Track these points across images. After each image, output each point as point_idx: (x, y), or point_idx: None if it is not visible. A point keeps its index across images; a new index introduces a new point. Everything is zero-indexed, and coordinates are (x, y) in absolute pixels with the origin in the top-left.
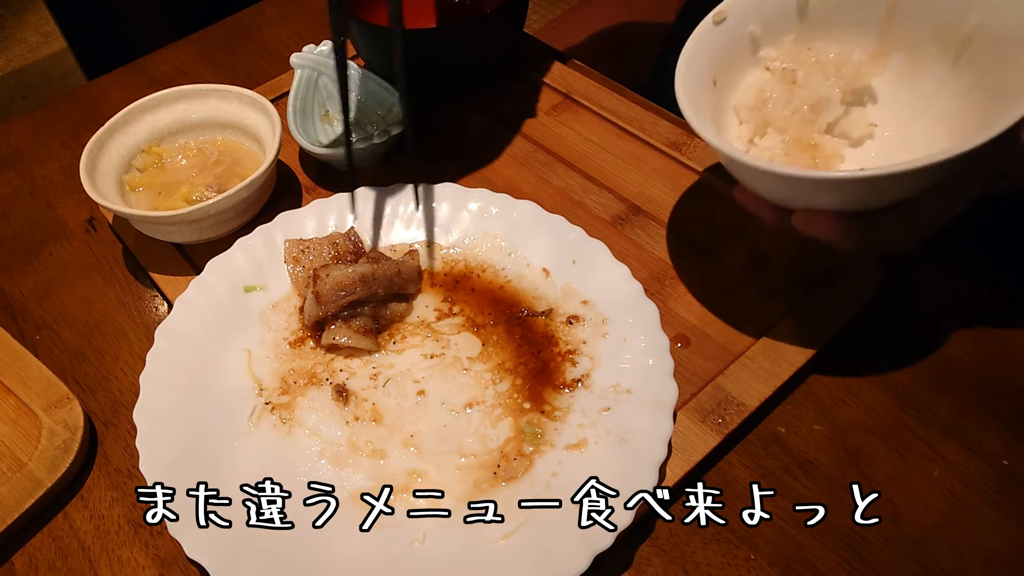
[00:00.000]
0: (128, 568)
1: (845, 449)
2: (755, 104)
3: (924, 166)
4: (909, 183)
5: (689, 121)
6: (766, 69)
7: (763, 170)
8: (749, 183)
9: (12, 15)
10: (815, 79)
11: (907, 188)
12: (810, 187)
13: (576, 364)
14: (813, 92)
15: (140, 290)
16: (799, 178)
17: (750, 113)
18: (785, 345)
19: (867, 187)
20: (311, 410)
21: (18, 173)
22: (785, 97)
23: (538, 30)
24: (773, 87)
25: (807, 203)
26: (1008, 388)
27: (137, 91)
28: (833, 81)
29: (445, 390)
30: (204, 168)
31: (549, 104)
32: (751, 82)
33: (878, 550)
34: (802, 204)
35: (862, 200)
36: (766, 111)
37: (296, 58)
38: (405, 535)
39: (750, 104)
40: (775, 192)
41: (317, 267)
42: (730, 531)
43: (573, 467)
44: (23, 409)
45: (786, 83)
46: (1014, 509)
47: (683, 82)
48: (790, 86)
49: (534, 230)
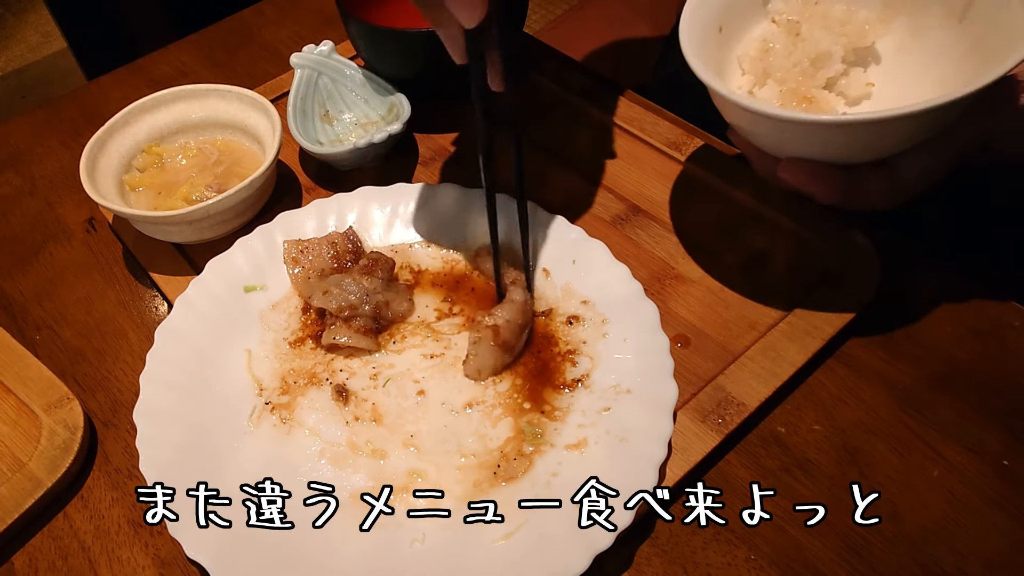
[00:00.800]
0: (128, 568)
1: (845, 449)
2: (758, 55)
3: (908, 113)
4: (893, 132)
5: (690, 63)
6: (772, 21)
7: (752, 110)
8: (741, 127)
9: (12, 15)
10: (818, 33)
11: (891, 138)
12: (796, 131)
13: (576, 364)
14: (815, 46)
15: (140, 290)
16: (785, 120)
17: (753, 64)
18: (785, 345)
19: (851, 133)
20: (311, 410)
21: (18, 173)
22: (787, 48)
23: (538, 30)
24: (777, 38)
25: (793, 150)
26: (1008, 388)
27: (137, 91)
28: (836, 37)
29: (445, 390)
30: (204, 168)
31: (549, 104)
32: (757, 34)
33: (878, 550)
34: (789, 151)
35: (846, 148)
36: (767, 61)
37: (296, 58)
38: (405, 535)
39: (753, 55)
40: (765, 137)
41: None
42: (730, 531)
43: (573, 467)
44: (23, 409)
45: (790, 35)
46: (1014, 509)
47: (688, 24)
48: (793, 38)
49: (534, 230)
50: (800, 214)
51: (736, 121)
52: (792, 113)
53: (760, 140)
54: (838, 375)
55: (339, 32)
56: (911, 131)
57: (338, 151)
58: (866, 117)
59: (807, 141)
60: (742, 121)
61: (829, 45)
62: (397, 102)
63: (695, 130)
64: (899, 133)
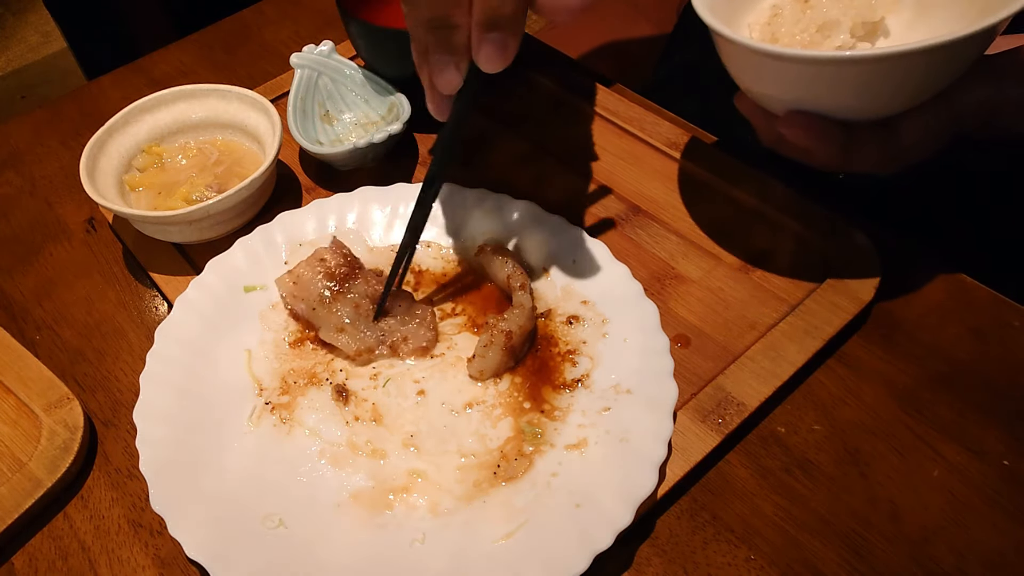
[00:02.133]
0: (128, 568)
1: (845, 449)
2: (767, 20)
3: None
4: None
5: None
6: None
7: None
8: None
9: (12, 15)
10: (827, 2)
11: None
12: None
13: (576, 364)
14: (823, 13)
15: (140, 290)
16: (791, 57)
17: (761, 29)
18: (785, 345)
19: (858, 71)
20: (311, 410)
21: (18, 173)
22: (796, 16)
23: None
24: (786, 4)
25: (798, 98)
26: (1008, 388)
27: (137, 91)
28: (845, 8)
29: (445, 390)
30: (204, 168)
31: (549, 104)
32: (767, 3)
33: (878, 550)
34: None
35: (852, 92)
36: (775, 25)
37: (296, 58)
38: (405, 535)
39: (763, 20)
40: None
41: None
42: (730, 531)
43: (573, 467)
44: (23, 409)
45: (799, 1)
46: (1014, 509)
47: None
48: (802, 5)
49: (534, 230)
50: (800, 214)
51: (742, 71)
52: (798, 51)
53: (766, 91)
54: (838, 375)
55: (339, 32)
56: (918, 74)
57: (338, 151)
58: (874, 53)
59: (813, 85)
60: (749, 68)
61: (837, 14)
62: (397, 102)
63: (695, 130)
64: (906, 75)
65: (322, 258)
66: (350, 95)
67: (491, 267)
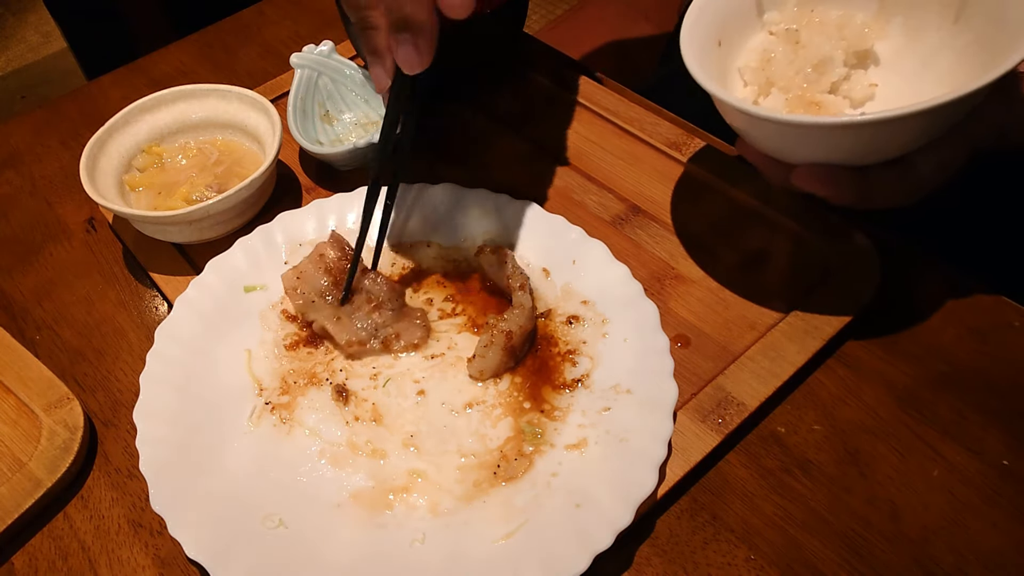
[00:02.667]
0: (128, 568)
1: (845, 449)
2: (759, 65)
3: (918, 111)
4: (904, 130)
5: (694, 75)
6: (770, 33)
7: (764, 118)
8: (751, 136)
9: (12, 15)
10: (818, 39)
11: (902, 137)
12: (808, 135)
13: (576, 364)
14: (816, 52)
15: (140, 290)
16: (797, 124)
17: (754, 74)
18: (785, 345)
19: (862, 133)
20: (311, 410)
21: (18, 173)
22: (788, 57)
23: (538, 30)
24: (777, 47)
25: (806, 155)
26: (1008, 388)
27: (137, 91)
28: (836, 42)
29: (445, 390)
30: (204, 168)
31: (549, 104)
32: (755, 45)
33: (878, 550)
34: (801, 156)
35: (858, 149)
36: (770, 70)
37: (296, 58)
38: (405, 535)
39: (754, 66)
40: (776, 145)
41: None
42: (730, 531)
43: (573, 467)
44: (23, 409)
45: (790, 43)
46: (1014, 509)
47: (688, 40)
48: (793, 46)
49: (534, 230)
50: (800, 214)
51: (746, 130)
52: (804, 117)
53: (771, 148)
54: (838, 375)
55: (339, 32)
56: (922, 129)
57: (338, 151)
58: (877, 117)
59: (819, 145)
60: (752, 129)
61: (830, 50)
62: None
63: (695, 130)
64: (910, 131)
65: (321, 253)
66: (350, 95)
67: (491, 267)
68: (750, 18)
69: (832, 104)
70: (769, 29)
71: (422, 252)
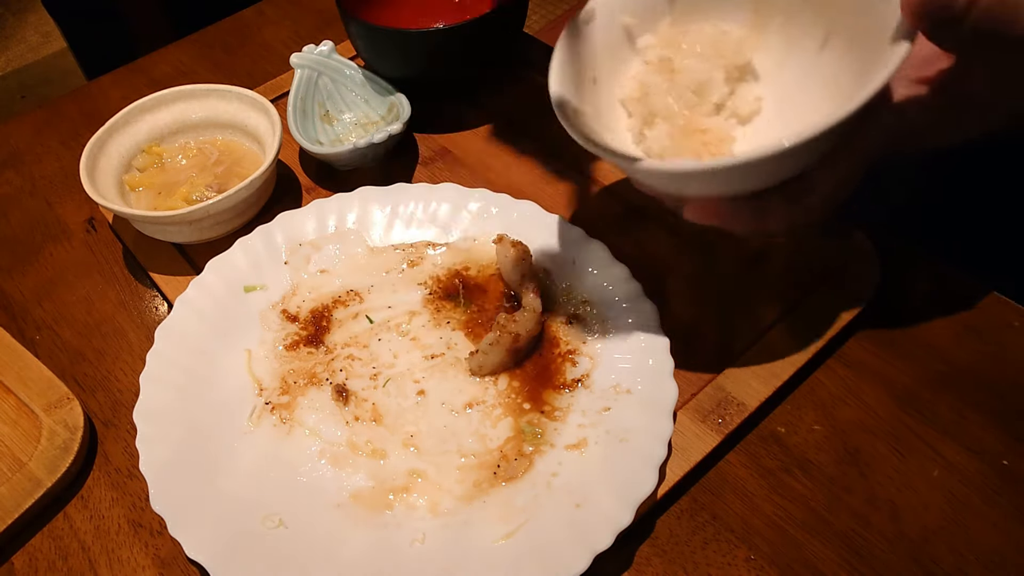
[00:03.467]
0: (128, 568)
1: (845, 449)
2: (639, 96)
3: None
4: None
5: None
6: (645, 63)
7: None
8: (635, 180)
9: (12, 15)
10: (692, 62)
11: (784, 168)
12: (687, 179)
13: (576, 364)
14: (694, 75)
15: (140, 290)
16: (670, 173)
17: (636, 105)
18: (785, 345)
19: (740, 173)
20: (311, 410)
21: (18, 173)
22: (664, 86)
23: (538, 30)
24: (653, 78)
25: (692, 192)
26: (1008, 388)
27: (137, 91)
28: (714, 60)
29: (445, 390)
30: (204, 168)
31: (549, 104)
32: (633, 73)
33: (878, 550)
34: (688, 193)
35: (741, 185)
36: (648, 102)
37: (296, 58)
38: (405, 535)
39: (635, 96)
40: (659, 185)
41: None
42: (730, 531)
43: (573, 467)
44: (23, 409)
45: (664, 73)
46: (1014, 509)
47: (559, 83)
48: (669, 75)
49: (534, 230)
50: None
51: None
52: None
53: (658, 189)
54: (838, 375)
55: (339, 32)
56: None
57: (338, 151)
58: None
59: (700, 184)
60: (632, 176)
61: (708, 70)
62: (397, 102)
63: None
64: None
65: None
66: (350, 95)
67: (505, 259)
68: (622, 46)
69: (719, 128)
70: (644, 58)
71: (423, 252)
